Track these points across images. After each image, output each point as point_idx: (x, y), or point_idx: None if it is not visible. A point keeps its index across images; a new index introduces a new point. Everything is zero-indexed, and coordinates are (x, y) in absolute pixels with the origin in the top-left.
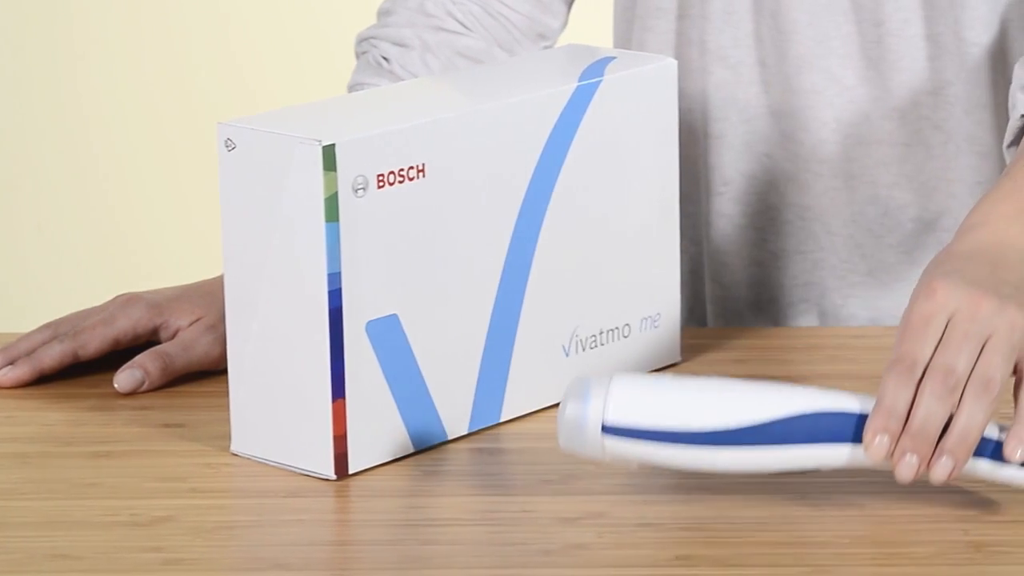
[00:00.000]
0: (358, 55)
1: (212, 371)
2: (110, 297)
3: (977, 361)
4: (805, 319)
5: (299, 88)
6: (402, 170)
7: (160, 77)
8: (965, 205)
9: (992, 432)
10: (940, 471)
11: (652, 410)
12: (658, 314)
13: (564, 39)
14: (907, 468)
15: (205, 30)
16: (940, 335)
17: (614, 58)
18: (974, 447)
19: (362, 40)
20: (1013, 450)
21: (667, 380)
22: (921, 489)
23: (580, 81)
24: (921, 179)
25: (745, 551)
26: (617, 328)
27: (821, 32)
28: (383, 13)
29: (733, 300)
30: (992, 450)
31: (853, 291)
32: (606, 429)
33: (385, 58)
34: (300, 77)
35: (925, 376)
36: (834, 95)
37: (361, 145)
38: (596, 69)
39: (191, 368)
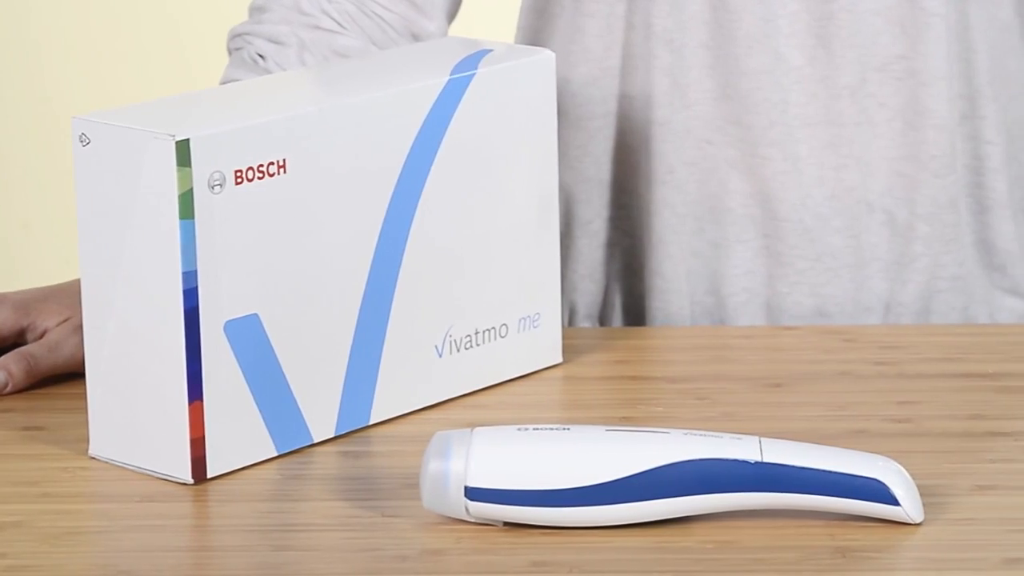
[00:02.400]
0: (231, 51)
1: (79, 373)
2: None
3: None
4: (750, 308)
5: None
6: (261, 166)
7: (151, 76)
8: (919, 182)
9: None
10: None
11: (514, 470)
12: (537, 314)
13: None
14: None
15: (197, 30)
16: None
17: (491, 51)
18: None
19: (235, 36)
20: None
21: (529, 434)
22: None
23: (452, 75)
24: (866, 158)
25: (605, 557)
26: (494, 328)
27: (768, 11)
28: (256, 10)
29: (676, 293)
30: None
31: (800, 278)
32: (469, 493)
33: (260, 55)
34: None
35: None
36: (781, 75)
37: (217, 140)
38: (470, 62)
39: (57, 370)
